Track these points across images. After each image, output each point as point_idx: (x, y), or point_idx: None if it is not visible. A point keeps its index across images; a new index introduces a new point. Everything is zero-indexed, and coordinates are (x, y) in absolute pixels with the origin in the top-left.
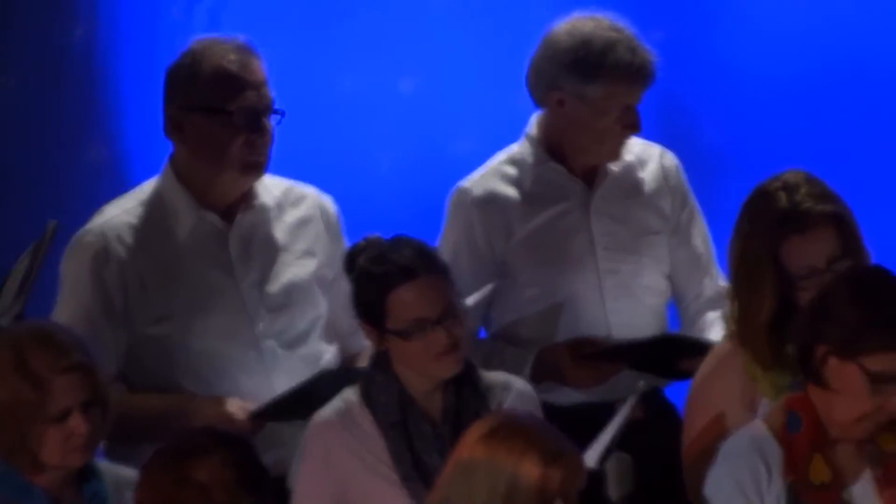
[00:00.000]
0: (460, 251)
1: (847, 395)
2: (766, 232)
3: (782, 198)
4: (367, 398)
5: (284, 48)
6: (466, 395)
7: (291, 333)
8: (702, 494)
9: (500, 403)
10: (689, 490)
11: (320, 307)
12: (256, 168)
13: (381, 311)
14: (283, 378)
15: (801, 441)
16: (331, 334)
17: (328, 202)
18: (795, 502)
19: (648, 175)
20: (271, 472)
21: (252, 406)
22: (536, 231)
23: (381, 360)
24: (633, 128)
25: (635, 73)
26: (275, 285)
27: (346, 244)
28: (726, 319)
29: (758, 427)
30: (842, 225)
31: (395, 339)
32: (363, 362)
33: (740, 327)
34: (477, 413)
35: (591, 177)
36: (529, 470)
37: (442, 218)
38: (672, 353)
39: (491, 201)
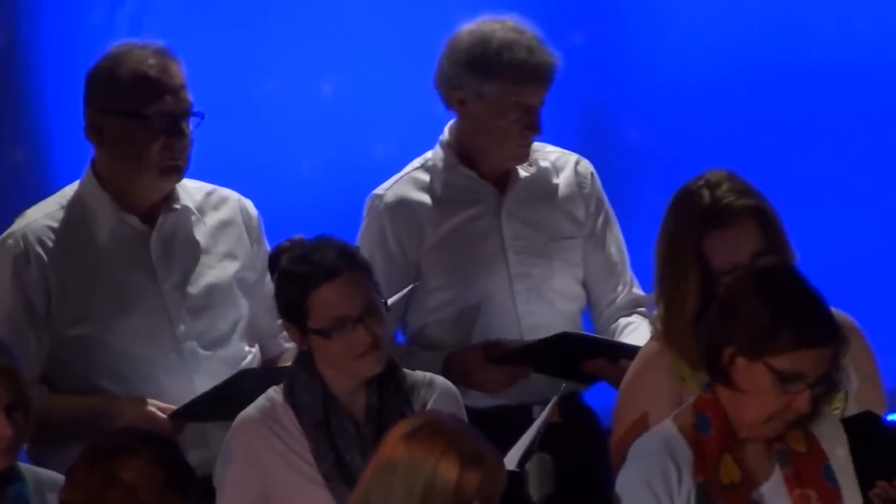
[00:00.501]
0: (374, 256)
1: (755, 395)
2: (689, 229)
3: (705, 195)
4: (291, 397)
5: (206, 52)
6: (389, 395)
7: (212, 335)
8: (614, 493)
9: (424, 403)
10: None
11: (241, 309)
12: (175, 171)
13: (303, 310)
14: (205, 379)
15: (711, 442)
16: (252, 336)
17: (249, 205)
18: (706, 502)
19: (563, 181)
20: (196, 471)
21: (173, 407)
22: (448, 235)
23: (305, 359)
24: (533, 129)
25: (530, 73)
26: (196, 287)
27: (267, 247)
28: (653, 321)
29: (668, 427)
30: (764, 219)
31: (318, 338)
32: (285, 364)
33: (666, 326)
34: (400, 412)
35: (502, 182)
36: (447, 471)
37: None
38: (574, 353)
39: (403, 207)
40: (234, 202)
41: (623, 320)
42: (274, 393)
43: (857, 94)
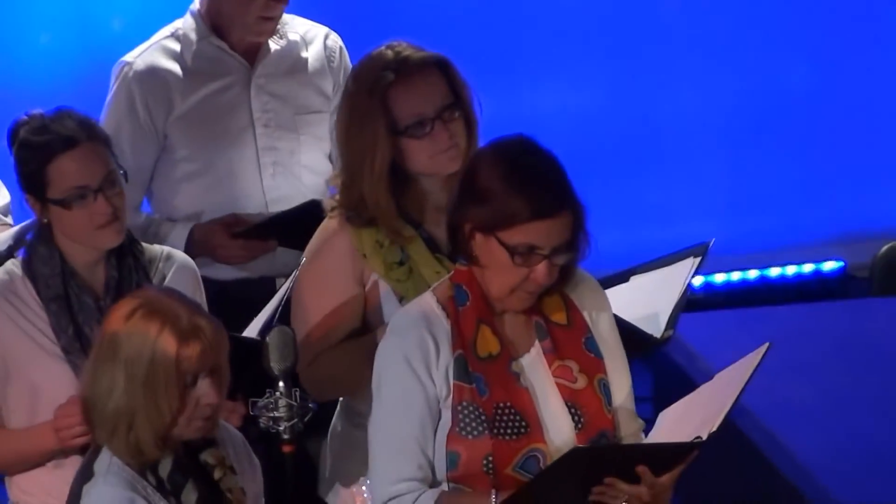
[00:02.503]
0: (122, 123)
1: (495, 269)
2: (373, 85)
3: (387, 53)
4: (29, 270)
5: None
6: (128, 268)
7: None
8: (374, 371)
9: (163, 276)
10: (300, 366)
11: None
12: None
13: (42, 181)
14: None
15: (468, 313)
16: None
17: None
18: (464, 374)
19: (312, 54)
20: None
21: None
22: (196, 106)
23: (44, 232)
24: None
25: None
26: None
27: None
28: (329, 200)
29: (426, 301)
30: (448, 71)
31: (57, 209)
32: None
33: (349, 196)
34: (139, 285)
35: (252, 54)
36: (165, 350)
37: (102, 95)
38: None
39: (152, 75)
40: None
41: None
42: (12, 265)
43: None
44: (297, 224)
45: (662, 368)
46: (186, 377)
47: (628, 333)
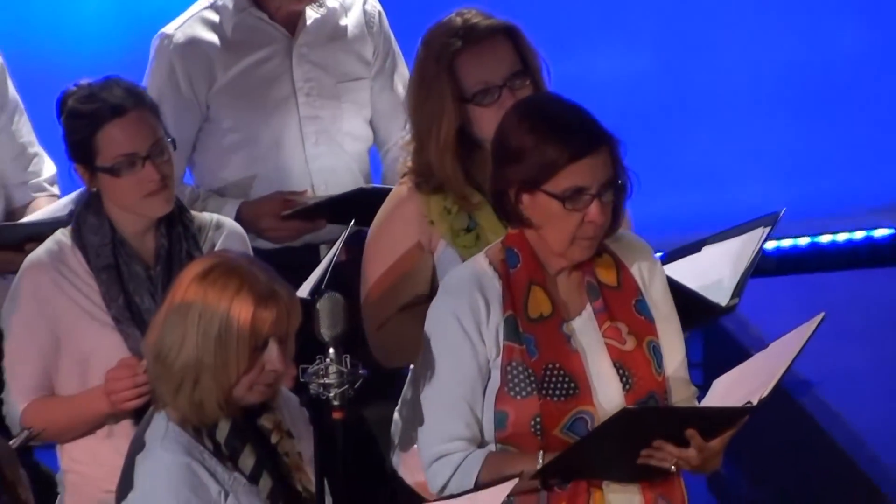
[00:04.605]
0: (164, 96)
1: (550, 224)
2: (440, 52)
3: (455, 20)
4: (79, 240)
5: None
6: (178, 236)
7: None
8: (423, 332)
9: (212, 244)
10: (368, 331)
11: None
12: None
13: (90, 149)
14: None
15: (520, 275)
16: None
17: None
18: (514, 335)
19: (352, 21)
20: None
21: None
22: (238, 77)
23: (93, 201)
24: None
25: None
26: None
27: (12, 91)
28: (402, 164)
29: (479, 262)
30: (516, 38)
31: (106, 178)
32: (29, 215)
33: (419, 162)
34: (189, 254)
35: (292, 24)
36: (242, 310)
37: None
38: (371, 204)
39: (193, 46)
40: None
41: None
42: (62, 236)
43: None
44: (345, 206)
45: (713, 334)
46: (258, 340)
47: (693, 301)
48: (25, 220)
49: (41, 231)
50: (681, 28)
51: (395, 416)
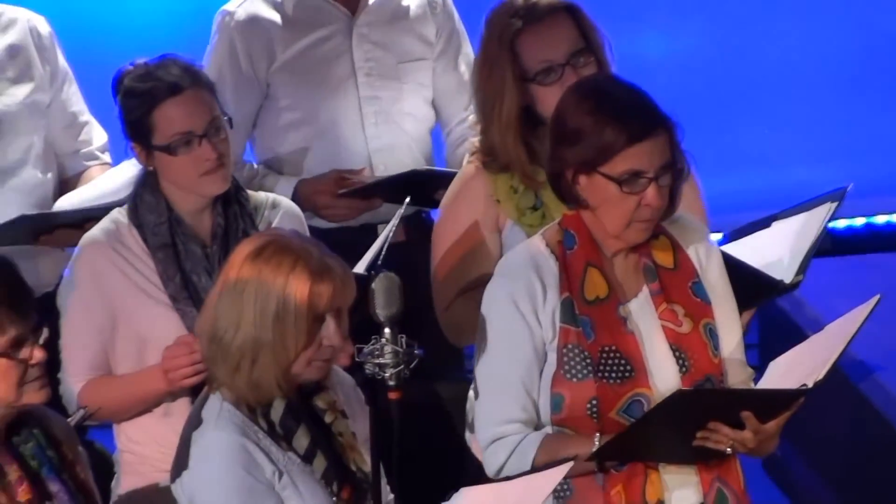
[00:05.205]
0: (223, 72)
1: (606, 206)
2: (502, 31)
3: (517, 0)
4: (136, 219)
5: None
6: (234, 215)
7: (2, 164)
8: (479, 314)
9: (268, 223)
10: (438, 310)
11: (33, 135)
12: None
13: (147, 127)
14: None
15: (577, 257)
16: (49, 160)
17: (40, 22)
18: (571, 317)
19: (414, 1)
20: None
21: None
22: (298, 56)
23: (149, 180)
24: None
25: None
26: None
27: (62, 61)
28: (472, 143)
29: (535, 243)
30: (578, 17)
31: (163, 156)
32: (84, 184)
33: (485, 141)
34: (245, 232)
35: (353, 3)
36: (298, 287)
37: (204, 45)
38: (426, 185)
39: (253, 24)
40: (22, 23)
41: (474, 139)
42: (119, 214)
43: None
44: (400, 187)
45: (769, 315)
46: (316, 315)
47: (756, 279)
48: (87, 204)
49: (101, 215)
50: (733, 4)
51: (470, 393)
